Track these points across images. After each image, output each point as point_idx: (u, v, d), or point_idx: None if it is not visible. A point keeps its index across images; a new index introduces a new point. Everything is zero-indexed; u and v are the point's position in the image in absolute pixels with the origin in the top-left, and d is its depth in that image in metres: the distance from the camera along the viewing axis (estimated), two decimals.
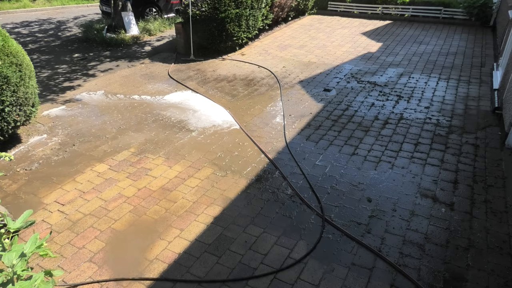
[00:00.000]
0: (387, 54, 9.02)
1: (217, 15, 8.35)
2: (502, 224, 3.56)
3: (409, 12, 12.71)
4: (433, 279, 2.98)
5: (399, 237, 3.41)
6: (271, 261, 3.16)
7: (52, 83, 7.28)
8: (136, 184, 4.21)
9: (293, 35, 10.81)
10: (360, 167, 4.49)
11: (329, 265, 3.12)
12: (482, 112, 5.90)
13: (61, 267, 3.13)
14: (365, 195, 3.99)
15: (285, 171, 4.40)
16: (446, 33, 10.94)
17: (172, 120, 5.76)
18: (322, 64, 8.31)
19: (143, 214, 3.74)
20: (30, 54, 9.02)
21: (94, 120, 5.73)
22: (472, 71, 7.79)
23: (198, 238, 3.43)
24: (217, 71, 7.95)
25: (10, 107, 4.51)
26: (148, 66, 8.34)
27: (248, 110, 6.10)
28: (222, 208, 3.81)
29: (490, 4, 11.27)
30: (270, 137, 5.21)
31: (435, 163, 4.56)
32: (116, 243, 3.38)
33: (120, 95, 6.71)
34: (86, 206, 3.86)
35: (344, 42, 10.14)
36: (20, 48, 4.88)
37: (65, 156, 4.77)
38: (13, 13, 14.40)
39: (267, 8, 9.98)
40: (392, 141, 5.09)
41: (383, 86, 7.05)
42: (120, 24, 10.36)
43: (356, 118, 5.76)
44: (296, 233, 3.47)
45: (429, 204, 3.84)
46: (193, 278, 3.01)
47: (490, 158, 4.63)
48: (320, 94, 6.70)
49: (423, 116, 5.78)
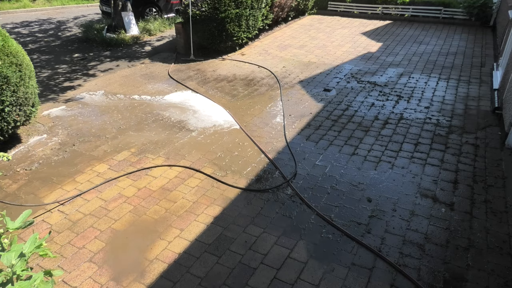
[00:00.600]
0: (387, 54, 9.02)
1: (217, 15, 8.35)
2: (502, 224, 3.56)
3: (409, 12, 12.71)
4: (433, 279, 2.98)
5: (399, 237, 3.41)
6: (271, 261, 3.16)
7: (52, 83, 7.28)
8: (136, 184, 4.22)
9: (293, 35, 10.81)
10: (360, 167, 4.49)
11: (329, 265, 3.12)
12: (482, 112, 5.90)
13: (61, 267, 3.13)
14: (365, 195, 3.99)
15: (285, 171, 4.40)
16: (446, 33, 10.94)
17: (172, 120, 5.76)
18: (322, 64, 8.31)
19: (143, 214, 3.74)
20: (30, 54, 9.02)
21: (94, 120, 5.73)
22: (472, 71, 7.78)
23: (198, 238, 3.43)
24: (217, 71, 7.95)
25: (10, 107, 4.51)
26: (148, 66, 8.34)
27: (248, 110, 6.10)
28: (222, 208, 3.81)
29: (490, 4, 11.27)
30: (270, 137, 5.21)
31: (435, 163, 4.56)
32: (116, 243, 3.38)
33: (120, 95, 6.71)
34: (86, 206, 3.86)
35: (344, 42, 10.14)
36: (20, 48, 4.88)
37: (65, 156, 4.77)
38: (13, 13, 14.41)
39: (267, 8, 9.98)
40: (392, 141, 5.09)
41: (383, 86, 7.05)
42: (120, 24, 10.37)
43: (356, 118, 5.75)
44: (296, 233, 3.47)
45: (429, 204, 3.84)
46: (193, 278, 3.02)
47: (490, 158, 4.63)
48: (320, 94, 6.70)
49: (423, 116, 5.78)
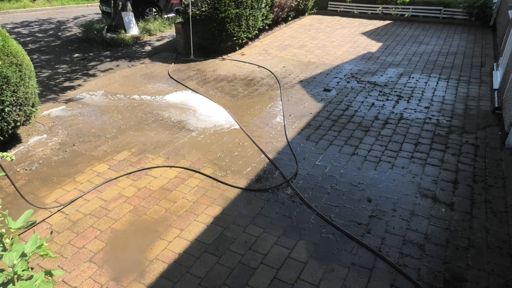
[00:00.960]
0: (387, 54, 9.02)
1: (217, 15, 8.35)
2: (502, 224, 3.56)
3: (409, 12, 12.71)
4: (433, 279, 2.98)
5: (399, 237, 3.42)
6: (271, 261, 3.16)
7: (52, 83, 7.28)
8: (136, 184, 4.22)
9: (293, 35, 10.81)
10: (360, 167, 4.49)
11: (329, 265, 3.12)
12: (482, 112, 5.90)
13: (61, 267, 3.13)
14: (365, 195, 4.00)
15: (285, 171, 4.40)
16: (446, 33, 10.94)
17: (172, 120, 5.76)
18: (322, 64, 8.31)
19: (143, 214, 3.74)
20: (30, 54, 9.02)
21: (94, 120, 5.73)
22: (472, 71, 7.79)
23: (198, 238, 3.43)
24: (217, 71, 7.95)
25: (10, 107, 4.51)
26: (148, 66, 8.34)
27: (248, 110, 6.10)
28: (222, 208, 3.82)
29: (490, 4, 11.27)
30: (270, 137, 5.21)
31: (435, 163, 4.56)
32: (116, 243, 3.38)
33: (120, 95, 6.71)
34: (86, 206, 3.86)
35: (344, 42, 10.14)
36: (20, 48, 4.88)
37: (65, 156, 4.77)
38: (13, 13, 14.41)
39: (267, 8, 9.98)
40: (392, 141, 5.09)
41: (383, 86, 7.05)
42: (120, 24, 10.37)
43: (356, 118, 5.76)
44: (296, 233, 3.47)
45: (429, 204, 3.84)
46: (193, 278, 3.02)
47: (490, 158, 4.63)
48: (320, 94, 6.70)
49: (423, 116, 5.78)
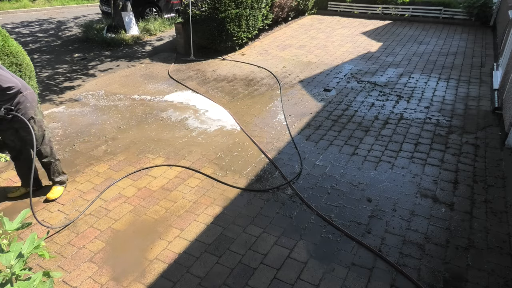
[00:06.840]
0: (387, 54, 9.02)
1: (217, 15, 8.35)
2: (502, 224, 3.55)
3: (409, 12, 12.71)
4: (433, 279, 2.98)
5: (399, 237, 3.41)
6: (271, 261, 3.16)
7: (52, 83, 7.28)
8: (136, 184, 4.21)
9: (293, 35, 10.81)
10: (360, 167, 4.49)
11: (329, 265, 3.12)
12: (482, 112, 5.90)
13: (61, 267, 3.13)
14: (365, 195, 3.99)
15: (285, 171, 4.40)
16: (446, 33, 10.94)
17: (172, 120, 5.76)
18: (322, 64, 8.31)
19: (143, 214, 3.74)
20: (31, 54, 9.02)
21: (94, 120, 5.73)
22: (472, 71, 7.78)
23: (198, 238, 3.43)
24: (217, 71, 7.95)
25: None
26: (148, 66, 8.34)
27: (248, 110, 6.10)
28: (222, 208, 3.81)
29: (490, 4, 11.26)
30: (270, 137, 5.21)
31: (435, 163, 4.55)
32: (116, 243, 3.38)
33: (120, 95, 6.71)
34: (86, 206, 3.85)
35: (344, 42, 10.14)
36: (20, 48, 4.88)
37: (65, 156, 4.77)
38: (13, 13, 14.41)
39: (267, 8, 9.98)
40: (392, 141, 5.08)
41: (383, 86, 7.04)
42: (120, 24, 10.37)
43: (356, 118, 5.75)
44: (296, 233, 3.46)
45: (429, 204, 3.84)
46: (193, 278, 3.01)
47: (490, 158, 4.63)
48: (320, 94, 6.70)
49: (423, 116, 5.78)
